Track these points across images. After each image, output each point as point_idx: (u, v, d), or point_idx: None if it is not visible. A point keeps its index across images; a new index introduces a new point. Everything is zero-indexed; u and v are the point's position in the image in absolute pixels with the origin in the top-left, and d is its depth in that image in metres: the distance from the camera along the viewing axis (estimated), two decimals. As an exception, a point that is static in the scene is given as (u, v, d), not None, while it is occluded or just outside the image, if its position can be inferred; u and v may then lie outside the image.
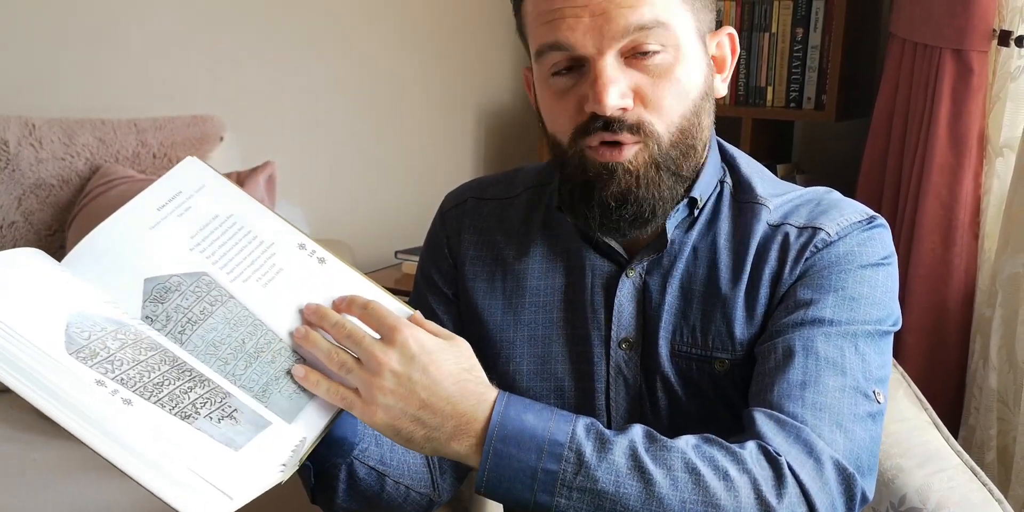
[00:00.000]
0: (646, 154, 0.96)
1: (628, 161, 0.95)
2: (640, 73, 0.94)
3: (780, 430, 0.88)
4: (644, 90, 0.94)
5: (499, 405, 0.84)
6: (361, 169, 2.64)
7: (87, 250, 0.88)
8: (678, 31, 0.95)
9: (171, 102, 2.23)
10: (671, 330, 1.02)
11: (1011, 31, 1.93)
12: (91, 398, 0.77)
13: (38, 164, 1.92)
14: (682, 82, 0.96)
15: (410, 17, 2.63)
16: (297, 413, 0.86)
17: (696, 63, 0.98)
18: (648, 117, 0.95)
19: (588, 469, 0.82)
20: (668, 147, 0.96)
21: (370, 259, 2.56)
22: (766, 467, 0.85)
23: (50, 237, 1.93)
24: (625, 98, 0.94)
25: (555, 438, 0.83)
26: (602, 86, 0.92)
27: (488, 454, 0.82)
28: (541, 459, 0.82)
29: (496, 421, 0.83)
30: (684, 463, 0.83)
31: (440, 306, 1.12)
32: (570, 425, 0.85)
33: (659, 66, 0.94)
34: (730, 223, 1.03)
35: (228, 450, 0.80)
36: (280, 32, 2.43)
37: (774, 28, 2.40)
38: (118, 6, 2.19)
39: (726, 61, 1.04)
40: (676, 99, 0.96)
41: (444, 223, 1.15)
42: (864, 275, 0.99)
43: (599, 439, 0.84)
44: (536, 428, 0.83)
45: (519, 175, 1.15)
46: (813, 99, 2.39)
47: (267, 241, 0.91)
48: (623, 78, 0.94)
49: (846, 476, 0.88)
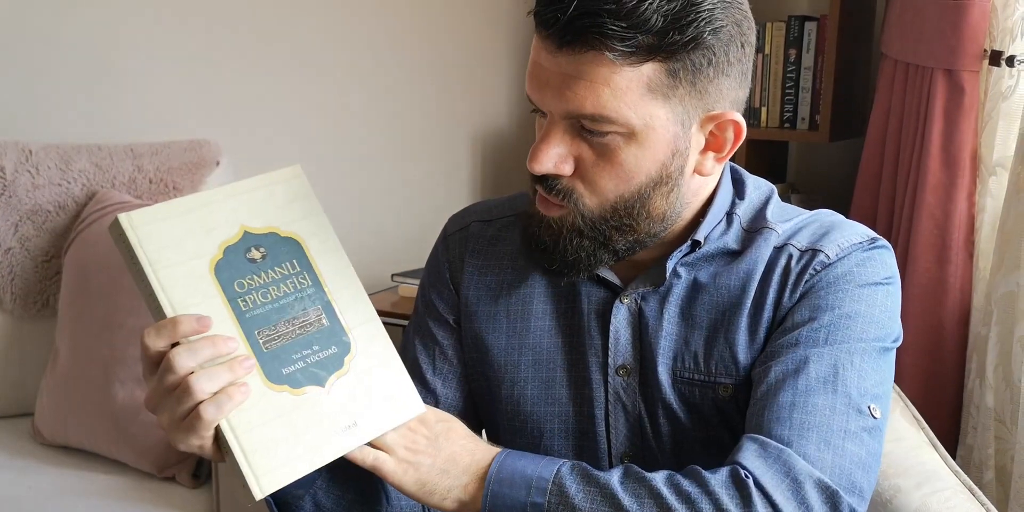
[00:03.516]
0: (570, 220, 0.97)
1: (552, 219, 0.98)
2: (587, 145, 0.94)
3: (761, 454, 0.90)
4: (585, 164, 0.95)
5: (500, 455, 0.94)
6: (358, 192, 2.64)
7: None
8: (630, 121, 0.91)
9: (168, 127, 2.24)
10: (671, 356, 1.02)
11: (1002, 51, 1.94)
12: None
13: (35, 190, 1.92)
14: (624, 166, 0.94)
15: (407, 41, 2.64)
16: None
17: (655, 149, 0.94)
18: (580, 189, 0.96)
19: (568, 498, 0.89)
20: (597, 220, 0.97)
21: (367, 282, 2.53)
22: (731, 487, 0.87)
23: (46, 263, 1.93)
24: (562, 164, 0.95)
25: (542, 476, 0.91)
26: (538, 149, 0.94)
27: (487, 496, 0.91)
28: (529, 494, 0.90)
29: (494, 468, 0.92)
30: (650, 490, 0.88)
31: (441, 331, 1.12)
32: (557, 465, 0.92)
33: (605, 146, 0.93)
34: (737, 251, 1.03)
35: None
36: (276, 57, 2.44)
37: (767, 49, 2.42)
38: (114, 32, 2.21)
39: (726, 145, 0.98)
40: (613, 181, 0.95)
41: (447, 248, 1.15)
42: (861, 294, 0.99)
43: (582, 475, 0.91)
44: (527, 469, 0.92)
45: (521, 200, 1.16)
46: (807, 119, 2.40)
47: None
48: (564, 146, 0.94)
49: (829, 494, 0.88)
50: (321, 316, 0.91)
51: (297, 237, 0.92)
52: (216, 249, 0.88)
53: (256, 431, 0.85)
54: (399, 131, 2.68)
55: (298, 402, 0.87)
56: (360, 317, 0.93)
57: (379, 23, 2.59)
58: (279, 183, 0.93)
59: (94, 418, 1.75)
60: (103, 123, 2.21)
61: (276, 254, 0.90)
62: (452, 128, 2.79)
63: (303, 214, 0.93)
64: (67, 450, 1.81)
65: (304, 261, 0.91)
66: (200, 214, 0.88)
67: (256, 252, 0.89)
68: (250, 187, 0.91)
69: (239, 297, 0.87)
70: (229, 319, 0.86)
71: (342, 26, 2.53)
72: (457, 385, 1.11)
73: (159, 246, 0.85)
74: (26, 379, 1.92)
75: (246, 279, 0.88)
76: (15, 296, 1.93)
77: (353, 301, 0.93)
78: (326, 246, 0.93)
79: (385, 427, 0.91)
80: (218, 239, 0.88)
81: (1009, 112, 1.97)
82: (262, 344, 0.87)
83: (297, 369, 0.88)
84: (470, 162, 2.84)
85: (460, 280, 1.12)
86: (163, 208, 0.87)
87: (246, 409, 0.85)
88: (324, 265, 0.92)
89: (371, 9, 2.57)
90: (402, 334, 1.16)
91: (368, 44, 2.58)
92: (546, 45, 0.92)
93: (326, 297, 0.92)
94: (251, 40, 2.39)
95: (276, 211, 0.92)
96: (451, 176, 2.81)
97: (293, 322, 0.89)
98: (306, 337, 0.89)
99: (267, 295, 0.88)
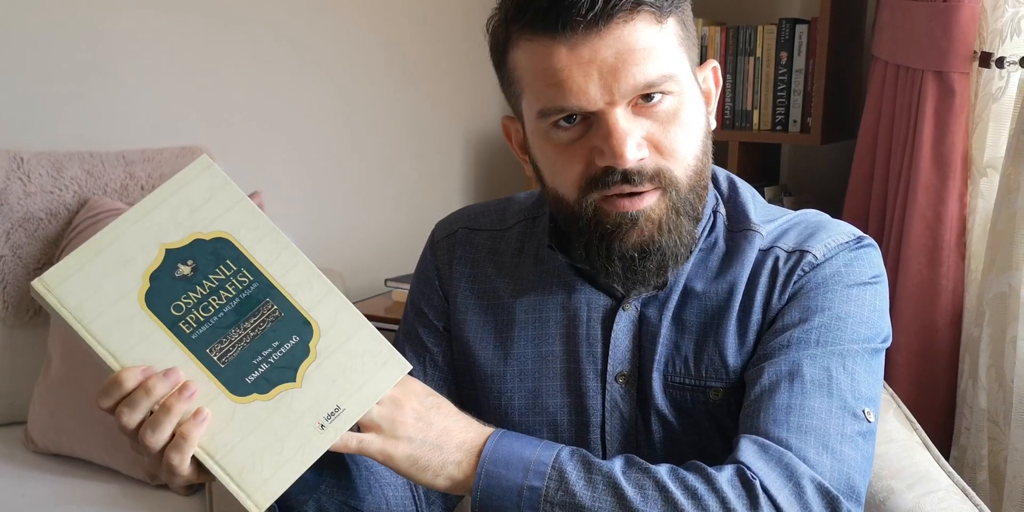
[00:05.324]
0: (665, 201, 0.94)
1: (649, 208, 0.94)
2: (649, 120, 0.93)
3: (762, 455, 0.89)
4: (656, 137, 0.93)
5: (495, 435, 0.91)
6: (350, 197, 2.64)
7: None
8: (680, 76, 0.94)
9: (159, 133, 2.23)
10: (663, 362, 1.02)
11: (992, 53, 1.95)
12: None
13: (26, 198, 1.92)
14: (689, 125, 0.95)
15: (399, 44, 2.64)
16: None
17: (696, 103, 0.97)
18: (665, 164, 0.94)
19: (568, 485, 0.87)
20: (686, 191, 0.95)
21: (360, 287, 2.56)
22: (738, 487, 0.86)
23: (38, 270, 1.93)
24: (641, 149, 0.92)
25: (540, 459, 0.89)
26: (619, 140, 0.90)
27: (480, 475, 0.88)
28: (527, 478, 0.88)
29: (489, 447, 0.89)
30: (655, 482, 0.87)
31: (430, 338, 1.11)
32: (556, 450, 0.90)
33: (666, 112, 0.93)
34: (723, 252, 1.03)
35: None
36: (268, 63, 2.44)
37: (759, 53, 2.42)
38: (105, 39, 2.20)
39: (711, 94, 1.03)
40: (687, 143, 0.95)
41: (435, 254, 1.14)
42: (851, 294, 0.99)
43: (582, 462, 0.89)
44: (525, 451, 0.90)
45: (511, 205, 1.15)
46: (799, 122, 2.40)
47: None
48: (636, 128, 0.92)
49: (829, 499, 0.88)
50: (273, 308, 0.86)
51: (224, 234, 0.87)
52: (140, 280, 0.84)
53: (236, 451, 0.82)
54: (392, 136, 2.68)
55: (272, 407, 0.84)
56: (316, 294, 0.88)
57: (371, 28, 2.59)
58: (189, 183, 0.88)
59: (87, 426, 1.75)
60: (94, 130, 2.20)
61: (206, 262, 0.85)
62: (446, 133, 2.79)
63: (224, 207, 0.87)
64: (60, 458, 1.81)
65: (239, 257, 0.86)
66: (112, 250, 0.84)
67: (184, 267, 0.85)
68: (159, 199, 0.86)
69: (179, 321, 0.83)
70: (176, 348, 0.83)
71: (334, 32, 2.53)
72: (448, 392, 1.10)
73: (80, 300, 0.82)
74: (19, 387, 1.91)
75: (181, 300, 0.84)
76: (7, 304, 1.92)
77: (304, 280, 0.88)
78: (258, 233, 0.88)
79: (374, 397, 0.87)
80: (139, 270, 0.84)
81: (999, 113, 1.98)
82: (217, 360, 0.84)
83: (261, 373, 0.84)
84: (464, 167, 2.84)
85: (449, 287, 1.11)
86: (73, 259, 0.82)
87: (219, 432, 0.82)
88: (261, 253, 0.87)
89: (363, 14, 2.57)
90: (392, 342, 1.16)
91: (360, 49, 2.58)
92: (569, 41, 0.90)
93: (273, 286, 0.87)
94: (243, 46, 2.39)
95: (193, 215, 0.86)
96: (445, 181, 2.81)
97: (244, 326, 0.85)
98: (262, 336, 0.85)
99: (208, 308, 0.84)
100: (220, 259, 0.86)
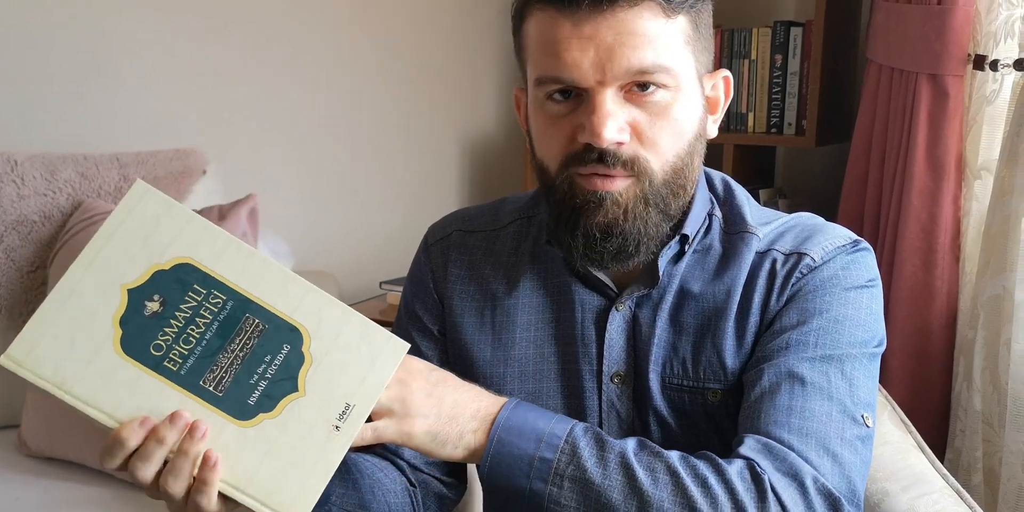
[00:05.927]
0: (637, 188, 0.95)
1: (618, 192, 0.95)
2: (638, 109, 0.94)
3: (767, 454, 0.89)
4: (641, 127, 0.94)
5: (510, 403, 0.91)
6: (345, 200, 2.64)
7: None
8: (679, 72, 0.95)
9: (153, 136, 2.23)
10: (661, 363, 1.02)
11: (986, 55, 1.95)
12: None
13: (20, 200, 1.92)
14: (679, 122, 0.96)
15: (394, 48, 2.64)
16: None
17: (693, 103, 0.98)
18: (643, 153, 0.95)
19: (580, 460, 0.87)
20: (660, 185, 0.96)
21: (355, 290, 2.56)
22: (748, 480, 0.86)
23: (32, 273, 1.93)
24: (622, 132, 0.93)
25: (554, 432, 0.89)
26: (600, 119, 0.92)
27: (492, 441, 0.88)
28: (539, 449, 0.88)
29: (503, 415, 0.89)
30: (666, 467, 0.87)
31: (425, 341, 1.11)
32: (570, 424, 0.90)
33: (657, 103, 0.94)
34: (720, 255, 1.04)
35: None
36: (263, 65, 2.44)
37: (753, 55, 2.43)
38: (100, 41, 2.20)
39: (719, 103, 1.04)
40: (672, 138, 0.96)
41: (429, 257, 1.14)
42: (848, 297, 0.99)
43: (596, 439, 0.89)
44: (538, 422, 0.89)
45: (504, 206, 1.15)
46: (794, 124, 2.41)
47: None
48: (621, 112, 0.93)
49: (832, 501, 0.88)
50: (255, 322, 0.83)
51: (183, 259, 0.83)
52: (111, 329, 0.81)
53: (258, 476, 0.81)
54: (386, 139, 2.68)
55: (282, 422, 0.82)
56: (294, 297, 0.84)
57: (366, 31, 2.59)
58: (130, 214, 0.83)
59: (80, 429, 1.74)
60: (88, 132, 2.20)
61: (172, 293, 0.82)
62: (440, 135, 2.79)
63: (175, 230, 0.83)
64: (53, 462, 1.80)
65: (205, 278, 0.83)
66: (73, 304, 0.81)
67: (152, 304, 0.82)
68: (106, 237, 0.83)
69: (163, 360, 0.81)
70: (168, 389, 0.81)
71: (329, 35, 2.53)
72: None
73: (55, 366, 0.79)
74: (12, 390, 1.91)
75: (159, 338, 0.81)
76: (0, 307, 1.92)
77: (278, 286, 0.84)
78: (216, 248, 0.83)
79: (380, 385, 0.84)
80: (106, 318, 0.81)
81: (993, 116, 1.98)
82: (213, 390, 0.81)
83: (262, 391, 0.82)
84: (458, 169, 2.84)
85: (444, 290, 1.11)
86: (35, 323, 0.80)
87: (236, 462, 0.80)
88: (226, 269, 0.83)
89: (358, 17, 2.57)
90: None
91: (355, 52, 2.58)
92: (574, 16, 0.92)
93: (249, 300, 0.83)
94: (238, 49, 2.39)
95: (146, 245, 0.83)
96: (439, 183, 2.81)
97: (230, 348, 0.82)
98: (252, 354, 0.82)
99: (189, 340, 0.82)
100: (186, 286, 0.82)
